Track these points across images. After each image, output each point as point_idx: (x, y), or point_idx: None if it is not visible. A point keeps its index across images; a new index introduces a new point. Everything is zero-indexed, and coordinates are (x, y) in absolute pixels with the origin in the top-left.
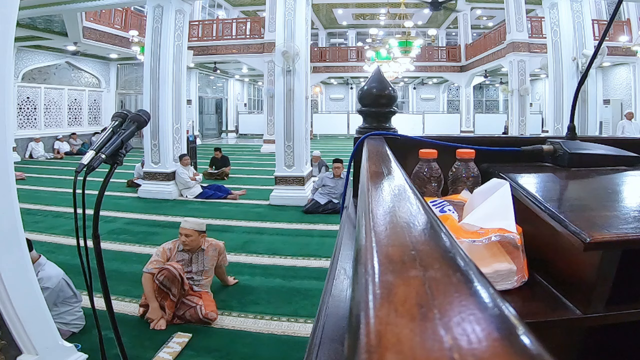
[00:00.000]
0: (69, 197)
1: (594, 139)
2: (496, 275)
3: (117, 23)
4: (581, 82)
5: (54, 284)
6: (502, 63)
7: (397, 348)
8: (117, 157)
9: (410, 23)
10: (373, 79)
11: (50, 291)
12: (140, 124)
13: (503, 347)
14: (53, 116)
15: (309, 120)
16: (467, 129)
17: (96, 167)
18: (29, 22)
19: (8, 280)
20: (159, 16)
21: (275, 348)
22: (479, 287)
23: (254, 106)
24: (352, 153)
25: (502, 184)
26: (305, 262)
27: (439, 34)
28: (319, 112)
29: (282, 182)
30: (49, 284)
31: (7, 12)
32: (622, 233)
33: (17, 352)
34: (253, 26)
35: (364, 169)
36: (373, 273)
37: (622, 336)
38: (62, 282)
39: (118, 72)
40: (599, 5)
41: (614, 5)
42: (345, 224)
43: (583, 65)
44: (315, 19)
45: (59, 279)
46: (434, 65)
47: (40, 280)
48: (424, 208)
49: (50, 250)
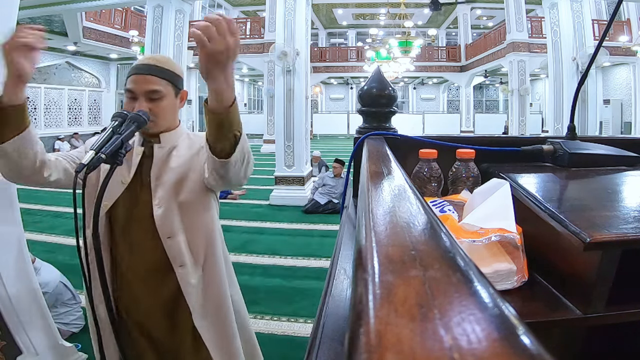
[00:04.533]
0: (68, 197)
1: (594, 139)
2: (496, 275)
3: (117, 23)
4: (581, 82)
5: (52, 288)
6: (502, 63)
7: (397, 348)
8: (117, 157)
9: (410, 23)
10: (373, 79)
11: (48, 295)
12: (140, 124)
13: (503, 347)
14: (53, 116)
15: (309, 120)
16: (467, 129)
17: (96, 167)
18: (29, 22)
19: (8, 280)
20: (159, 16)
21: (275, 348)
22: (479, 287)
23: (254, 106)
24: (352, 153)
25: (502, 184)
26: (305, 262)
27: (439, 34)
28: (319, 112)
29: (282, 182)
30: (46, 289)
31: (7, 12)
32: (622, 233)
33: (17, 352)
34: (253, 26)
35: (364, 169)
36: (373, 273)
37: (622, 336)
38: (60, 286)
39: (118, 72)
40: (599, 5)
41: (614, 5)
42: (345, 224)
43: (583, 65)
44: (315, 19)
45: (57, 283)
46: (434, 65)
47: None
48: (424, 208)
49: (50, 250)
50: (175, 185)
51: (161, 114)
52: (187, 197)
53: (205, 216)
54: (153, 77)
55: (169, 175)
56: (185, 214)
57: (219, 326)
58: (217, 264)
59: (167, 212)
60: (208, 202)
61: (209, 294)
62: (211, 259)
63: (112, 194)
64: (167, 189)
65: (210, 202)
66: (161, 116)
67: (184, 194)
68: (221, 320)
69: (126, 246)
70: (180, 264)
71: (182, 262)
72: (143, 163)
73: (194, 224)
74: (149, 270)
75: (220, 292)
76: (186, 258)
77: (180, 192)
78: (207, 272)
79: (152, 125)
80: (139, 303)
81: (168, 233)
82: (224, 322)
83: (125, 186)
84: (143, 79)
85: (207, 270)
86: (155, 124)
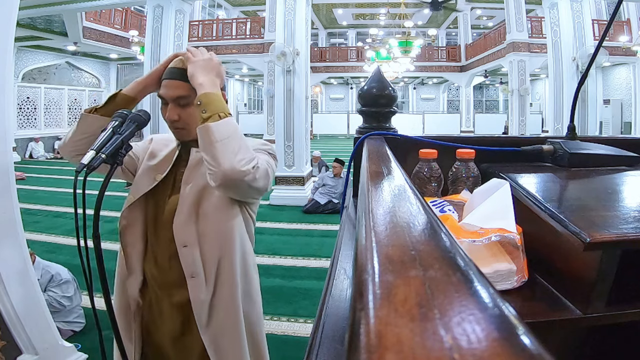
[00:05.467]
0: (69, 197)
1: (594, 139)
2: (496, 275)
3: (117, 23)
4: (581, 82)
5: (66, 275)
6: (502, 63)
7: (397, 348)
8: (117, 157)
9: (410, 23)
10: (373, 79)
11: (71, 282)
12: (140, 123)
13: (503, 347)
14: (53, 116)
15: (309, 120)
16: (467, 129)
17: (96, 167)
18: (29, 22)
19: (8, 280)
20: (159, 16)
21: (275, 348)
22: (479, 287)
23: (254, 106)
24: (352, 153)
25: (502, 184)
26: (305, 262)
27: (439, 34)
28: (319, 112)
29: (282, 182)
30: (66, 276)
31: (7, 12)
32: (622, 233)
33: (17, 352)
34: (253, 26)
35: (364, 169)
36: (373, 273)
37: (622, 336)
38: (71, 274)
39: (118, 72)
40: (599, 5)
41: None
42: (345, 224)
43: (583, 66)
44: (315, 19)
45: (67, 271)
46: (434, 65)
47: (57, 275)
48: (424, 208)
49: (50, 250)
50: (200, 191)
51: (191, 120)
52: (208, 204)
53: (223, 227)
54: (180, 82)
55: (198, 180)
56: (203, 223)
57: (225, 345)
58: (231, 279)
59: (187, 219)
60: (230, 212)
61: (216, 309)
62: (225, 273)
63: (140, 189)
64: (192, 195)
65: (233, 213)
66: (192, 122)
67: (206, 201)
68: (229, 341)
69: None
70: (192, 275)
71: (195, 273)
72: (180, 165)
73: (209, 234)
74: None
75: (231, 311)
76: (199, 269)
77: (203, 199)
78: (218, 287)
79: (183, 133)
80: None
81: (184, 242)
82: (232, 342)
83: (156, 183)
84: (172, 84)
85: (219, 284)
86: (186, 132)
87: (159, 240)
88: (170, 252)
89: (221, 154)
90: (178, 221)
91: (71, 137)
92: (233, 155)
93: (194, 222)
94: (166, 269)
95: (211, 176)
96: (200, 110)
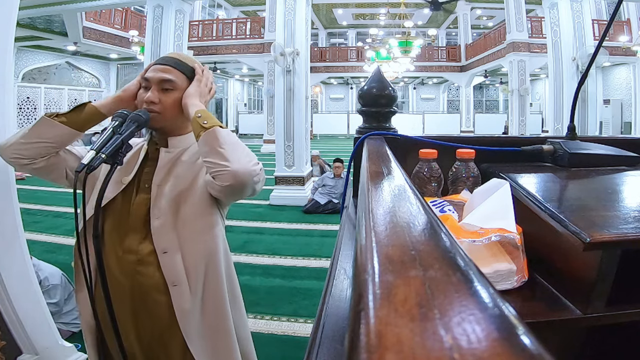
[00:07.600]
0: (69, 197)
1: (594, 139)
2: (496, 275)
3: (117, 23)
4: (581, 82)
5: (58, 279)
6: (502, 63)
7: (397, 348)
8: (117, 157)
9: (410, 23)
10: (373, 79)
11: (59, 288)
12: (140, 123)
13: (503, 347)
14: None
15: (309, 120)
16: (467, 129)
17: (96, 167)
18: (29, 22)
19: (8, 280)
20: (159, 16)
21: (275, 348)
22: (479, 287)
23: (254, 106)
24: (352, 153)
25: (502, 184)
26: (305, 262)
27: (439, 34)
28: (319, 112)
29: (282, 182)
30: (55, 281)
31: (7, 12)
32: (622, 233)
33: (17, 352)
34: (253, 26)
35: (364, 169)
36: (373, 273)
37: (622, 336)
38: (63, 278)
39: (118, 72)
40: (599, 5)
41: (614, 5)
42: (345, 224)
43: (583, 66)
44: (315, 19)
45: (60, 275)
46: (434, 65)
47: (45, 280)
48: (424, 208)
49: (50, 250)
50: (177, 195)
51: (170, 106)
52: (188, 209)
53: (207, 235)
54: (170, 67)
55: (173, 183)
56: (183, 229)
57: (215, 353)
58: (219, 290)
59: (165, 224)
60: (211, 218)
61: (207, 319)
62: (212, 281)
63: (107, 193)
64: (168, 198)
65: (214, 219)
66: (169, 109)
67: (186, 205)
68: (219, 349)
69: (112, 254)
70: (173, 283)
71: (177, 281)
72: (145, 165)
73: (192, 242)
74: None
75: (220, 319)
76: (181, 277)
77: (181, 203)
78: (206, 297)
79: (157, 118)
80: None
81: (164, 247)
82: (226, 351)
83: (124, 186)
84: (162, 68)
85: (206, 295)
86: (161, 117)
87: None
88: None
89: (231, 155)
90: (156, 226)
91: (20, 138)
92: (243, 156)
93: (173, 227)
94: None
95: (220, 177)
96: (202, 122)
